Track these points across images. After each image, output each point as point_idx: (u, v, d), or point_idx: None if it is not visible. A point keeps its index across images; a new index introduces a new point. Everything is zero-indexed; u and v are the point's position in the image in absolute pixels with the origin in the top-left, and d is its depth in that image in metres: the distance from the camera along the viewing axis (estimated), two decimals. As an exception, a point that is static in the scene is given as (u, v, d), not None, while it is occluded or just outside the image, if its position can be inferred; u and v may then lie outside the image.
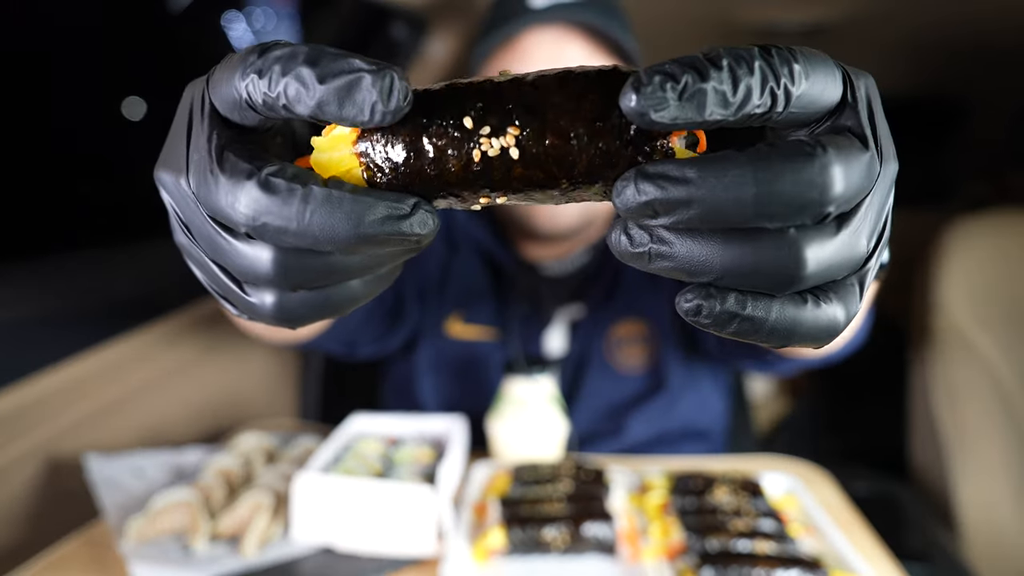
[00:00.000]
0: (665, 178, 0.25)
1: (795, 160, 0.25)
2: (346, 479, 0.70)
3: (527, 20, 0.86)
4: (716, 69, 0.24)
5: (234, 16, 2.66)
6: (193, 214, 0.30)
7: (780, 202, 0.25)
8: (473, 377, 1.06)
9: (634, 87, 0.24)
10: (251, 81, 0.27)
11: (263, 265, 0.29)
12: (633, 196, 0.26)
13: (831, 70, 0.27)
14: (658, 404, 1.01)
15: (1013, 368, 1.28)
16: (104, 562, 0.68)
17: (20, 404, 0.91)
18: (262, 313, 0.31)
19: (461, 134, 0.28)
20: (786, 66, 0.25)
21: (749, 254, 0.26)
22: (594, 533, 0.66)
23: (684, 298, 0.27)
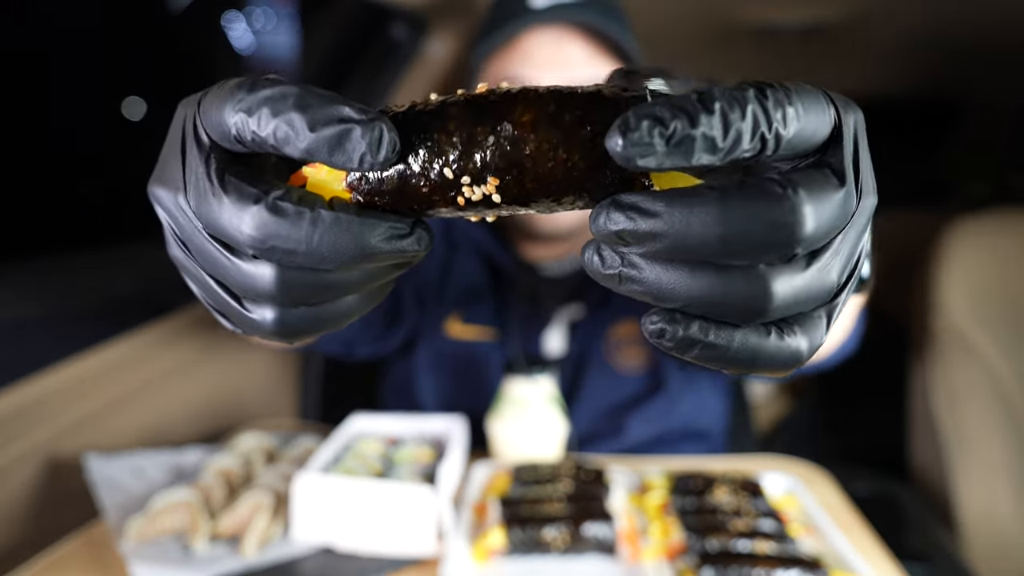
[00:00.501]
0: (636, 210, 0.25)
1: (764, 201, 0.25)
2: (346, 479, 0.70)
3: (527, 20, 0.86)
4: (707, 114, 0.24)
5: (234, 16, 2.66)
6: (192, 232, 0.31)
7: (747, 243, 0.25)
8: (473, 377, 1.06)
9: (621, 131, 0.24)
10: (240, 119, 0.28)
11: (265, 283, 0.29)
12: (605, 224, 0.26)
13: (823, 109, 0.27)
14: (657, 404, 1.01)
15: (1013, 368, 1.28)
16: (104, 562, 0.68)
17: (20, 404, 0.91)
18: (263, 329, 0.31)
19: (443, 182, 0.29)
20: (780, 109, 0.25)
21: (717, 286, 0.26)
22: (594, 533, 0.66)
23: (649, 320, 0.28)
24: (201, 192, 0.29)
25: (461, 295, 1.08)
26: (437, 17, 1.57)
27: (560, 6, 0.86)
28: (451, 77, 1.71)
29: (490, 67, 0.91)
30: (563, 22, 0.86)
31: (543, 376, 0.87)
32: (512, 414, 0.86)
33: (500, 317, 1.06)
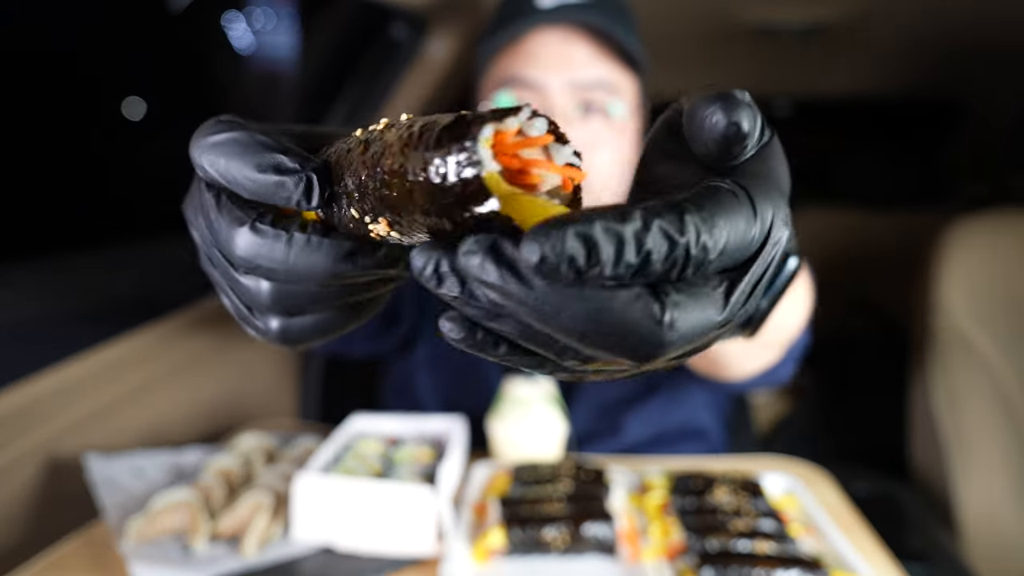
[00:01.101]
0: (512, 272, 0.24)
1: (637, 321, 0.23)
2: (346, 479, 0.70)
3: (534, 20, 0.86)
4: (621, 263, 0.22)
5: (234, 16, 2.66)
6: (210, 249, 0.35)
7: (605, 347, 0.24)
8: (472, 376, 1.06)
9: (537, 246, 0.22)
10: (204, 161, 0.32)
11: (262, 296, 0.34)
12: (472, 268, 0.25)
13: (748, 222, 0.26)
14: (655, 403, 1.01)
15: (1013, 368, 1.28)
16: (104, 562, 0.68)
17: (20, 404, 0.91)
18: (269, 336, 0.36)
19: (356, 221, 0.31)
20: (703, 247, 0.24)
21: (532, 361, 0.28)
22: (594, 533, 0.66)
23: (447, 321, 0.28)
24: (207, 215, 0.33)
25: None
26: (437, 17, 1.57)
27: (566, 6, 0.86)
28: (451, 77, 1.71)
29: (495, 66, 0.91)
30: (569, 22, 0.86)
31: (543, 376, 0.87)
32: (512, 414, 0.86)
33: None
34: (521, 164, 0.27)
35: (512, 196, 0.27)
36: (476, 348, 0.28)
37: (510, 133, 0.27)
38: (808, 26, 1.58)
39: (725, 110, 0.27)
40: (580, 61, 0.86)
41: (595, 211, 0.22)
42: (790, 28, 1.59)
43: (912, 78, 2.09)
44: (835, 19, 1.55)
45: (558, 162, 0.28)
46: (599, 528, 0.66)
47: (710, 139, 0.28)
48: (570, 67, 0.86)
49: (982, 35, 1.67)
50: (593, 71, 0.86)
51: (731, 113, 0.27)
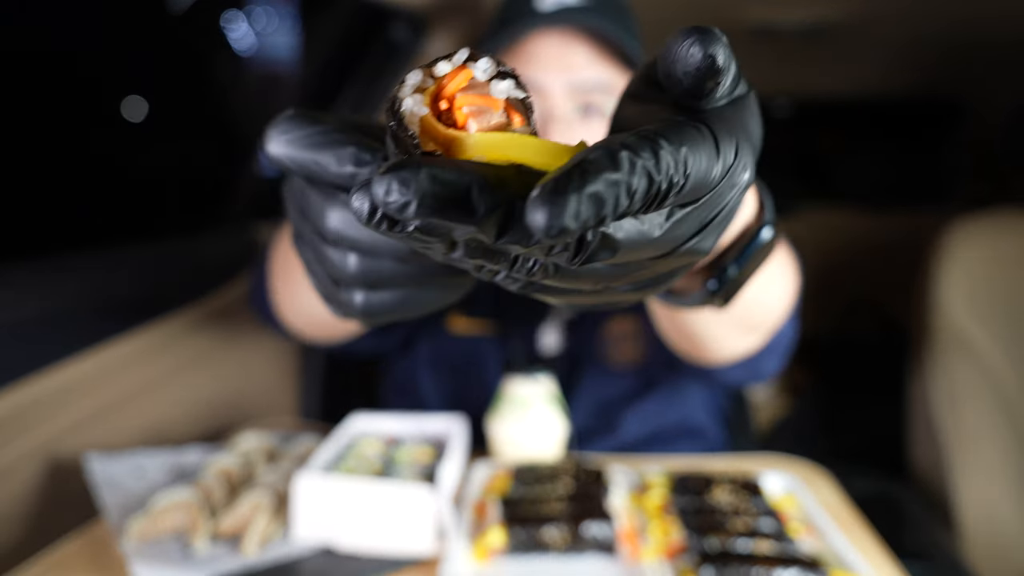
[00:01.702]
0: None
1: None
2: (346, 479, 0.70)
3: (534, 23, 0.87)
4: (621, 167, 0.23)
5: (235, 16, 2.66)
6: (302, 224, 0.37)
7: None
8: (474, 375, 1.06)
9: (543, 214, 0.22)
10: (283, 156, 0.34)
11: (350, 267, 0.36)
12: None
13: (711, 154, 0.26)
14: (653, 401, 1.01)
15: (1013, 368, 1.28)
16: (104, 562, 0.68)
17: (20, 404, 0.91)
18: (353, 309, 0.37)
19: None
20: (670, 183, 0.24)
21: None
22: (594, 533, 0.66)
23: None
24: (301, 192, 0.36)
25: None
26: (437, 18, 1.57)
27: (567, 9, 0.86)
28: (451, 77, 1.70)
29: None
30: (569, 25, 0.86)
31: (543, 375, 0.87)
32: (512, 414, 0.86)
33: (499, 309, 1.06)
34: (449, 105, 0.28)
35: (458, 137, 0.27)
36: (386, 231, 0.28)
37: (451, 76, 0.28)
38: (808, 26, 1.58)
39: (702, 43, 0.28)
40: (580, 63, 0.86)
41: (587, 163, 0.22)
42: (790, 28, 1.59)
43: (912, 78, 2.09)
44: (835, 19, 1.55)
45: (496, 96, 0.28)
46: (599, 527, 0.66)
47: (684, 71, 0.28)
48: (570, 69, 0.86)
49: (982, 35, 1.67)
50: (592, 73, 0.86)
51: (707, 46, 0.28)
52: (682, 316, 0.69)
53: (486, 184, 0.24)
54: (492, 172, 0.24)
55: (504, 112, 0.28)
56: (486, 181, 0.24)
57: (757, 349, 0.80)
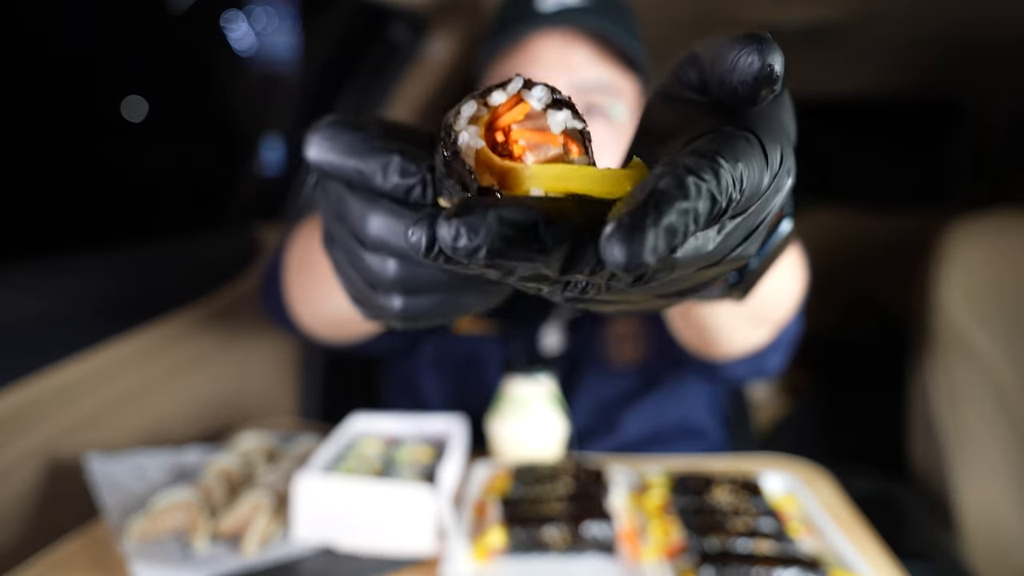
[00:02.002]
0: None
1: None
2: (346, 479, 0.70)
3: (535, 23, 0.87)
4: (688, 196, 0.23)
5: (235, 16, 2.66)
6: (336, 226, 0.37)
7: None
8: (475, 375, 1.06)
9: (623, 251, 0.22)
10: (325, 164, 0.34)
11: (389, 273, 0.35)
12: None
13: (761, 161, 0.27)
14: (653, 401, 1.01)
15: (1013, 368, 1.28)
16: (104, 562, 0.68)
17: (20, 404, 0.91)
18: (390, 313, 0.37)
19: None
20: (729, 200, 0.24)
21: None
22: (594, 533, 0.66)
23: None
24: (338, 196, 0.35)
25: None
26: (437, 18, 1.57)
27: (568, 10, 0.87)
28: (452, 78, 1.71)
29: (497, 68, 0.92)
30: (570, 26, 0.86)
31: (544, 375, 0.87)
32: (512, 414, 0.86)
33: (503, 308, 1.06)
34: (505, 136, 0.28)
35: (515, 169, 0.27)
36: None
37: (506, 106, 0.28)
38: (809, 26, 1.58)
39: (761, 52, 0.27)
40: (581, 64, 0.86)
41: (659, 192, 0.22)
42: (791, 28, 1.59)
43: (912, 78, 2.09)
44: (835, 19, 1.55)
45: (554, 128, 0.28)
46: (599, 527, 0.66)
47: (741, 80, 0.28)
48: (571, 70, 0.86)
49: (982, 35, 1.67)
50: (594, 73, 0.86)
51: (766, 55, 0.27)
52: (696, 309, 0.69)
53: (551, 220, 0.24)
54: (554, 207, 0.25)
55: (562, 144, 0.28)
56: (551, 217, 0.24)
57: (765, 343, 0.80)
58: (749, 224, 0.29)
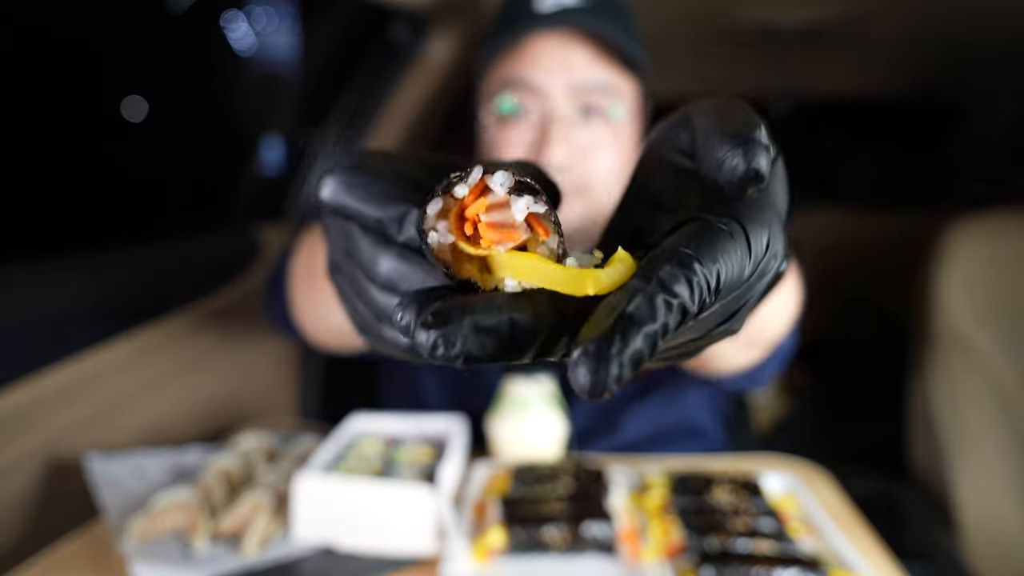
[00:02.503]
0: None
1: None
2: (346, 479, 0.70)
3: (534, 24, 0.87)
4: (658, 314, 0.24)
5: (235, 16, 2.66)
6: (344, 260, 0.37)
7: None
8: (474, 375, 1.06)
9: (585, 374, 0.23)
10: (341, 209, 0.35)
11: None
12: None
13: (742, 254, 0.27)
14: (653, 402, 1.01)
15: (1013, 368, 1.27)
16: (104, 562, 0.68)
17: (20, 404, 0.91)
18: (399, 348, 0.37)
19: None
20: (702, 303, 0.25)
21: None
22: (594, 533, 0.66)
23: None
24: (348, 234, 0.36)
25: None
26: (437, 18, 1.57)
27: (567, 11, 0.87)
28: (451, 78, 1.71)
29: (496, 68, 0.92)
30: (569, 27, 0.86)
31: (544, 376, 0.87)
32: (512, 414, 0.86)
33: None
34: (474, 226, 0.28)
35: (489, 255, 0.28)
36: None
37: (471, 197, 0.28)
38: (809, 26, 1.58)
39: (745, 156, 0.27)
40: (580, 64, 0.86)
41: (627, 319, 0.23)
42: (790, 28, 1.59)
43: (912, 78, 2.09)
44: (835, 19, 1.54)
45: (517, 216, 0.28)
46: (599, 528, 0.66)
47: (726, 180, 0.28)
48: (570, 70, 0.86)
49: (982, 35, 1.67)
50: (593, 74, 0.86)
51: (751, 158, 0.27)
52: None
53: (525, 324, 0.26)
54: (528, 303, 0.26)
55: (528, 228, 0.28)
56: (525, 320, 0.26)
57: (758, 361, 0.80)
58: (728, 309, 0.29)
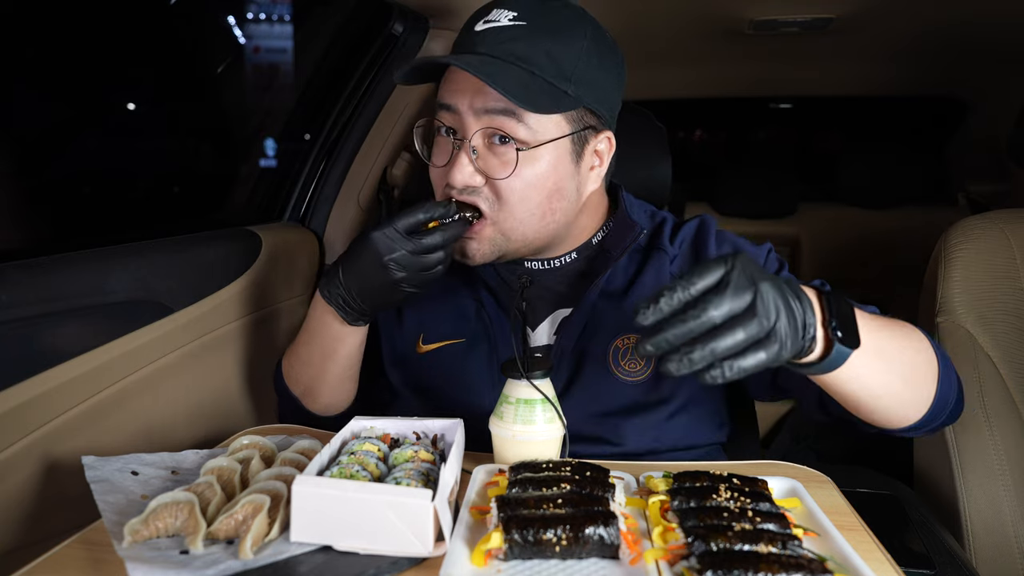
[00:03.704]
0: None
1: None
2: (344, 482, 0.70)
3: (461, 51, 0.96)
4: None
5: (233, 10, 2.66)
6: None
7: None
8: (473, 378, 1.06)
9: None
10: None
11: None
12: None
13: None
14: (655, 415, 1.00)
15: (1014, 368, 1.27)
16: (102, 563, 0.68)
17: (19, 404, 0.91)
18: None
19: None
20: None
21: None
22: (595, 535, 0.66)
23: None
24: None
25: (434, 314, 1.13)
26: (437, 15, 1.56)
27: (493, 39, 0.92)
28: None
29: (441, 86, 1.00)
30: (482, 60, 0.91)
31: (544, 377, 0.87)
32: (512, 415, 0.85)
33: (467, 325, 1.10)
34: None
35: None
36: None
37: None
38: (812, 23, 1.57)
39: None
40: (487, 90, 0.91)
41: None
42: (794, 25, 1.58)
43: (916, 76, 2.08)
44: (838, 17, 1.54)
45: None
46: (600, 530, 0.66)
47: None
48: (477, 96, 0.92)
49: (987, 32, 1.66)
50: (497, 102, 0.91)
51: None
52: (847, 384, 0.78)
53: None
54: None
55: None
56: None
57: (926, 411, 0.86)
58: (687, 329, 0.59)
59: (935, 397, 0.87)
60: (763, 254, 1.05)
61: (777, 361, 0.62)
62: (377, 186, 1.78)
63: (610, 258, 1.04)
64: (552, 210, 0.98)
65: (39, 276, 0.98)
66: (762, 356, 0.60)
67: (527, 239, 1.00)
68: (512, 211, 0.95)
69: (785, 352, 0.62)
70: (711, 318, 0.57)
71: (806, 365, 0.72)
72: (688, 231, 1.09)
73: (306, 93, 1.89)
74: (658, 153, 1.42)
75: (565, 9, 0.95)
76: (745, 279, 0.60)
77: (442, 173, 0.98)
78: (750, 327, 0.58)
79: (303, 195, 1.71)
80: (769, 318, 0.60)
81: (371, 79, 1.64)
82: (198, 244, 1.26)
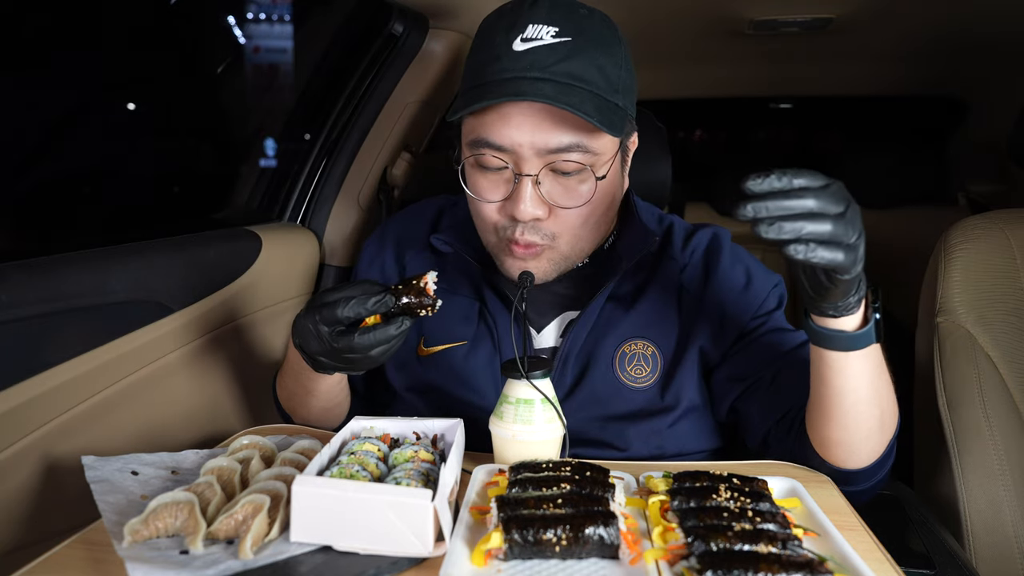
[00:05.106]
0: None
1: None
2: (344, 482, 0.70)
3: (505, 90, 0.85)
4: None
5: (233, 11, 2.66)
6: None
7: None
8: (473, 378, 1.06)
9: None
10: None
11: None
12: None
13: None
14: (657, 422, 1.00)
15: (1014, 368, 1.27)
16: (102, 563, 0.68)
17: (19, 404, 0.91)
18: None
19: None
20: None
21: None
22: (595, 535, 0.66)
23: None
24: None
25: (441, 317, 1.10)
26: (437, 14, 1.56)
27: (537, 50, 0.85)
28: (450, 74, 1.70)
29: (473, 119, 0.92)
30: (538, 99, 0.83)
31: (543, 377, 0.87)
32: (512, 415, 0.85)
33: (470, 326, 1.08)
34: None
35: None
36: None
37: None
38: (814, 23, 1.57)
39: None
40: (547, 128, 0.86)
41: None
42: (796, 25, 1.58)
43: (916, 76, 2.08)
44: (838, 17, 1.54)
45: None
46: (600, 530, 0.66)
47: None
48: (538, 133, 0.86)
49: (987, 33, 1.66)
50: (560, 138, 0.87)
51: None
52: (849, 378, 0.81)
53: None
54: None
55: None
56: None
57: (880, 455, 0.88)
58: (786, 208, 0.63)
59: (887, 447, 0.90)
60: (769, 286, 1.05)
61: (843, 269, 0.67)
62: (377, 186, 1.78)
63: (621, 264, 1.03)
64: (608, 220, 0.99)
65: (39, 276, 0.98)
66: (839, 256, 0.65)
67: (585, 252, 1.00)
68: (576, 233, 0.94)
69: (850, 271, 0.68)
70: (808, 205, 0.64)
71: (837, 332, 0.77)
72: (700, 241, 1.09)
73: (306, 93, 1.89)
74: (658, 153, 1.42)
75: (593, 16, 0.91)
76: (844, 195, 0.67)
77: (497, 208, 0.93)
78: (836, 226, 0.64)
79: (303, 195, 1.71)
80: (854, 228, 0.67)
81: (371, 79, 1.64)
82: (198, 244, 1.26)
